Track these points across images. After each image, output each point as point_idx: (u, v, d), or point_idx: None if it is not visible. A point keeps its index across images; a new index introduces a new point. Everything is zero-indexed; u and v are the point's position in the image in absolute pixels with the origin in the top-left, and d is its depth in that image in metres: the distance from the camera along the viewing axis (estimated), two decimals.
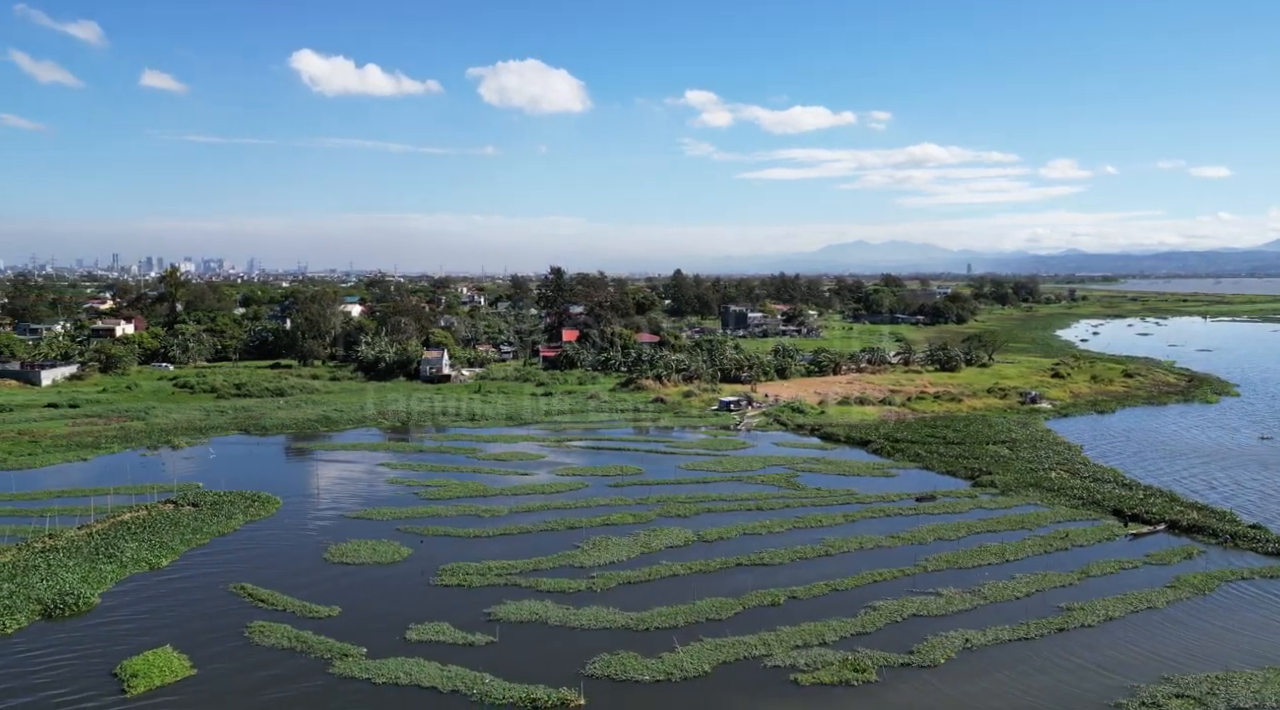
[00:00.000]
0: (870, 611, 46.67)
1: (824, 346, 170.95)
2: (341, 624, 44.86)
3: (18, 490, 71.12)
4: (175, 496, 67.87)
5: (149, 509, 64.54)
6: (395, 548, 56.67)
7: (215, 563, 54.35)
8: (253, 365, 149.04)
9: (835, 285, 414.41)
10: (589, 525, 61.92)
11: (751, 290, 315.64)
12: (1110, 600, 48.58)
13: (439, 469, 79.76)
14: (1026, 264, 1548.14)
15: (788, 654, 41.31)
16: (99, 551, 54.82)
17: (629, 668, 39.85)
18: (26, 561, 52.68)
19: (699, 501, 68.43)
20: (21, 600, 46.72)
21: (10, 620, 44.54)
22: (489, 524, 62.59)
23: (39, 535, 57.97)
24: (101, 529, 59.60)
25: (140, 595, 48.93)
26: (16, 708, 36.35)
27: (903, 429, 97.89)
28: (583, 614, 45.92)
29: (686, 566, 53.58)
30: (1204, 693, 37.95)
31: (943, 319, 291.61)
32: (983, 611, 47.25)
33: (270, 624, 44.30)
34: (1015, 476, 76.20)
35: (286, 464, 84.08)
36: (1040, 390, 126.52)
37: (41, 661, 40.42)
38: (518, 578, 51.21)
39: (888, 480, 77.03)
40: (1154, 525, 63.22)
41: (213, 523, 61.68)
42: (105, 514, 63.05)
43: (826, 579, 51.60)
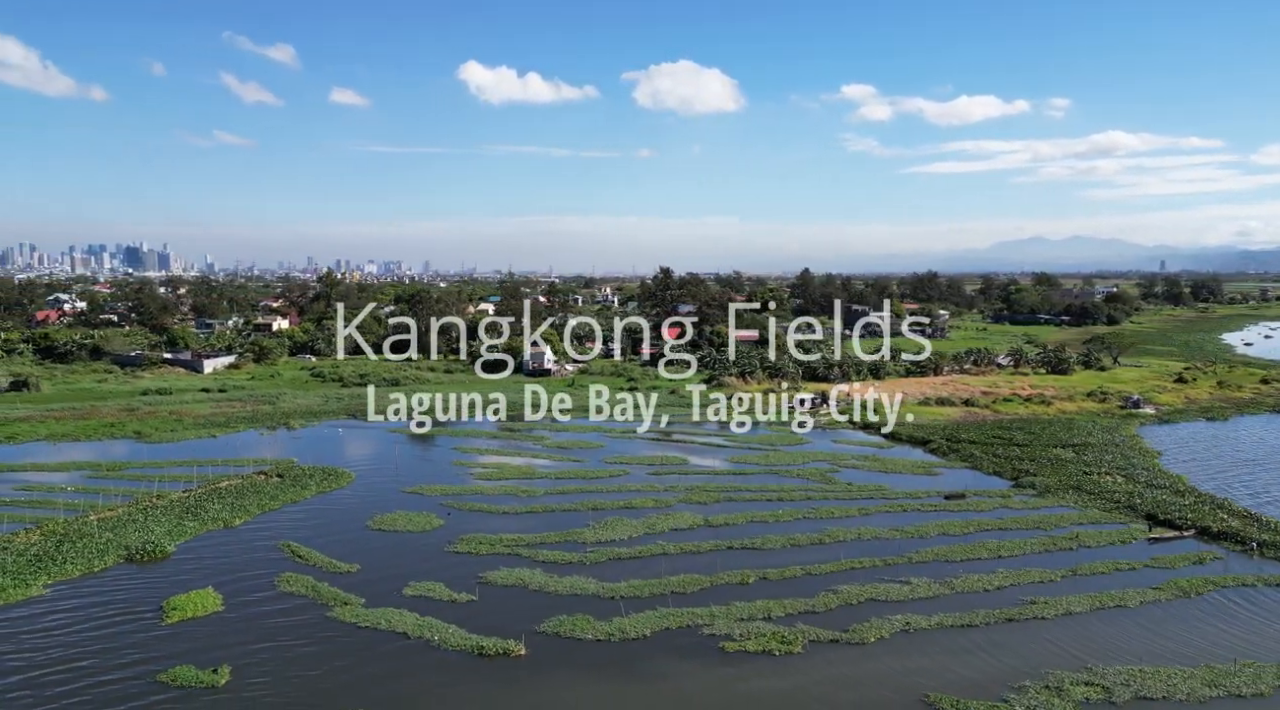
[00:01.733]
0: (829, 594, 49.35)
1: (943, 347, 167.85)
2: (355, 579, 51.86)
3: (149, 459, 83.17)
4: (269, 469, 77.80)
5: (244, 479, 74.54)
6: (429, 519, 63.64)
7: (277, 524, 62.98)
8: (382, 359, 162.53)
9: (981, 284, 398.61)
10: (610, 507, 66.85)
11: (885, 289, 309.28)
12: (1080, 597, 49.13)
13: (502, 454, 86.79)
14: (1233, 260, 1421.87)
15: (728, 625, 44.91)
16: (189, 511, 64.64)
17: (578, 628, 44.63)
18: (129, 516, 62.99)
19: (724, 490, 72.04)
20: (113, 546, 56.51)
21: (99, 561, 54.21)
22: (521, 502, 68.64)
23: (148, 496, 68.67)
24: (199, 493, 69.76)
25: (207, 547, 57.87)
26: (72, 621, 45.17)
27: (969, 430, 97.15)
28: (562, 582, 51.00)
29: (679, 547, 57.67)
30: (1116, 683, 38.95)
31: (1090, 320, 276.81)
32: (943, 601, 48.95)
33: (297, 575, 51.87)
34: (1060, 478, 75.29)
35: (373, 444, 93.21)
36: (1149, 395, 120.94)
37: (110, 593, 49.46)
38: (521, 549, 56.87)
39: (927, 478, 77.77)
40: (1181, 530, 61.84)
41: (289, 492, 70.81)
42: (207, 481, 73.45)
43: (808, 564, 54.41)
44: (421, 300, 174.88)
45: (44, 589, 50.01)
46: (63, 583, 51.11)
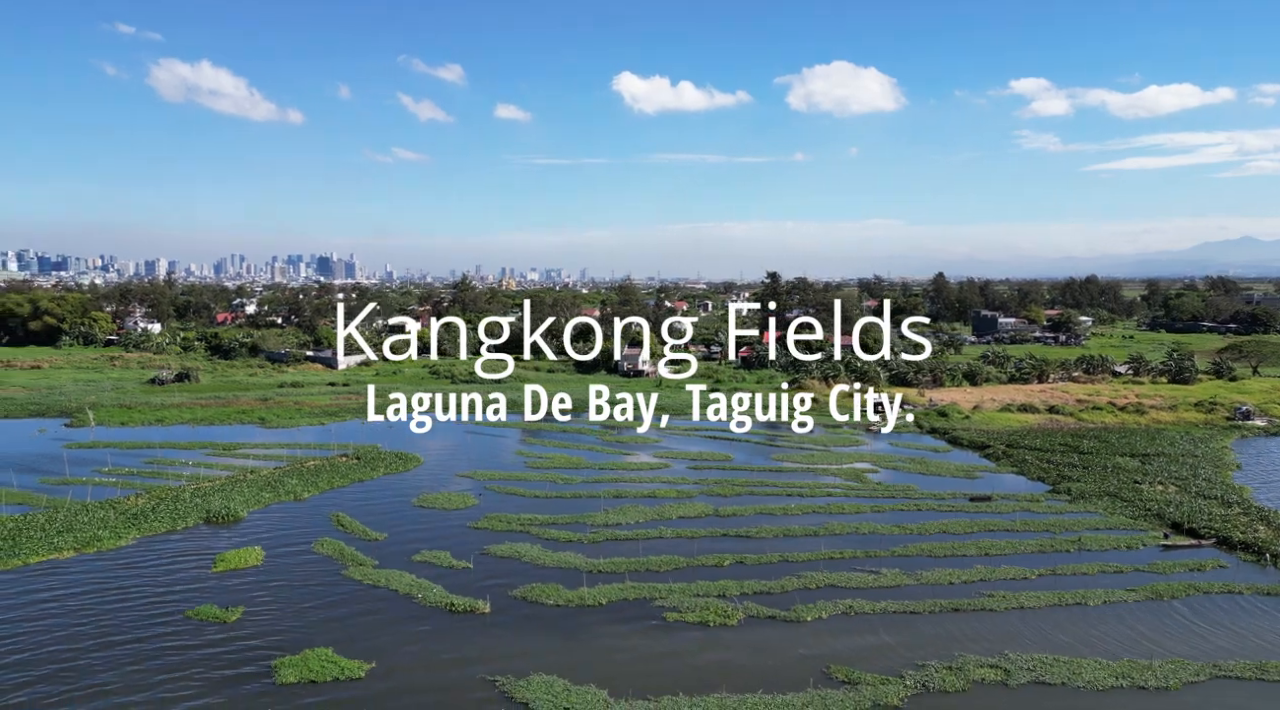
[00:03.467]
0: (792, 578, 52.31)
1: (1085, 354, 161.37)
2: (379, 546, 59.11)
3: (259, 441, 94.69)
4: (350, 452, 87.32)
5: (327, 460, 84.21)
6: (466, 498, 70.53)
7: (338, 498, 71.55)
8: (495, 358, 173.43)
9: (1145, 290, 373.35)
10: (633, 496, 71.59)
11: (1027, 295, 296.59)
12: (1041, 593, 50.01)
13: (563, 446, 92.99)
14: None
15: (680, 600, 48.88)
16: (269, 484, 74.35)
17: (544, 594, 49.81)
18: (219, 487, 73.28)
19: (749, 484, 75.32)
20: (197, 510, 66.43)
21: (182, 521, 64.05)
22: (555, 488, 74.48)
23: (243, 472, 79.21)
24: (284, 471, 79.71)
25: (273, 515, 66.92)
26: (141, 566, 54.41)
27: (1036, 436, 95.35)
28: (553, 556, 56.34)
29: (678, 532, 61.82)
30: (1020, 668, 40.51)
31: (1260, 327, 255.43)
32: (902, 590, 50.97)
33: (332, 540, 59.68)
34: (1100, 485, 74.02)
35: (454, 434, 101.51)
36: (1266, 408, 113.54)
37: (179, 547, 58.80)
38: (533, 527, 62.63)
39: (963, 481, 78.00)
40: (1201, 539, 60.34)
41: (360, 472, 79.66)
42: (296, 461, 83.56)
43: (789, 552, 57.38)
44: (535, 305, 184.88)
45: (131, 540, 60.01)
46: (149, 537, 61.02)
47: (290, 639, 43.90)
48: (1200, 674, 40.32)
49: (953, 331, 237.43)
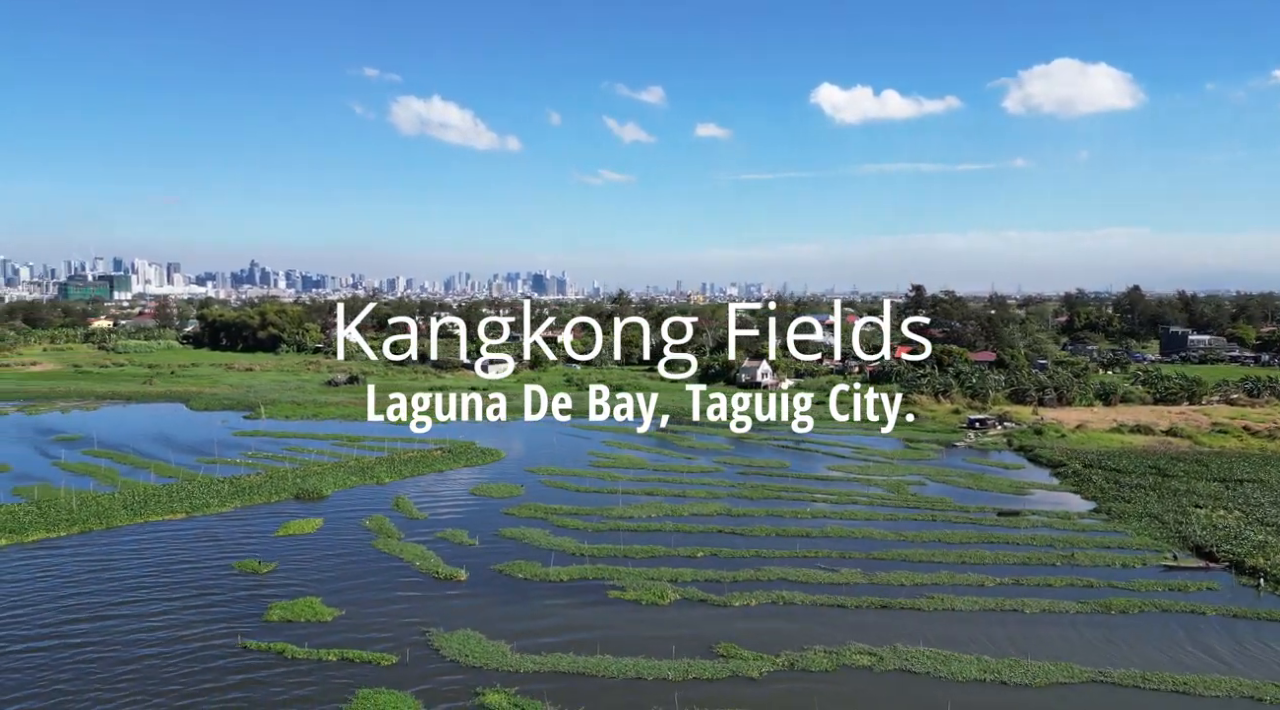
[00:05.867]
0: (750, 571, 56.11)
1: (1252, 375, 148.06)
2: (416, 523, 68.16)
3: (381, 435, 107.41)
4: (445, 447, 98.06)
5: (420, 453, 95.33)
6: (514, 488, 78.62)
7: (411, 484, 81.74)
8: (641, 369, 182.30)
9: None
10: (664, 494, 76.87)
11: (1244, 310, 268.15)
12: (977, 599, 51.24)
13: (636, 448, 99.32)
14: None
15: (631, 581, 54.10)
16: (361, 471, 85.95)
17: (520, 570, 56.52)
18: (320, 471, 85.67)
19: (783, 490, 78.49)
20: (292, 487, 78.55)
21: (276, 495, 76.25)
22: (599, 484, 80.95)
23: (348, 459, 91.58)
24: (384, 459, 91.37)
25: (352, 494, 77.92)
26: (226, 527, 66.29)
27: (1124, 458, 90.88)
28: (551, 540, 62.99)
29: (677, 527, 66.66)
30: (894, 658, 42.90)
31: None
32: (846, 587, 53.57)
33: (380, 517, 69.33)
34: (1146, 507, 71.10)
35: (547, 434, 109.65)
36: None
37: (262, 516, 70.51)
38: (553, 516, 69.48)
39: (1008, 497, 77.06)
40: (1212, 562, 57.93)
41: (441, 463, 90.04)
42: (398, 452, 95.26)
43: (766, 549, 60.87)
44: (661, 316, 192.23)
45: (232, 508, 72.60)
46: (246, 506, 73.43)
47: (294, 590, 53.26)
48: (1077, 677, 41.06)
49: (1141, 349, 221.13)
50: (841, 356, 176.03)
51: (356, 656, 43.49)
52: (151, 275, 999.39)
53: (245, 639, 45.47)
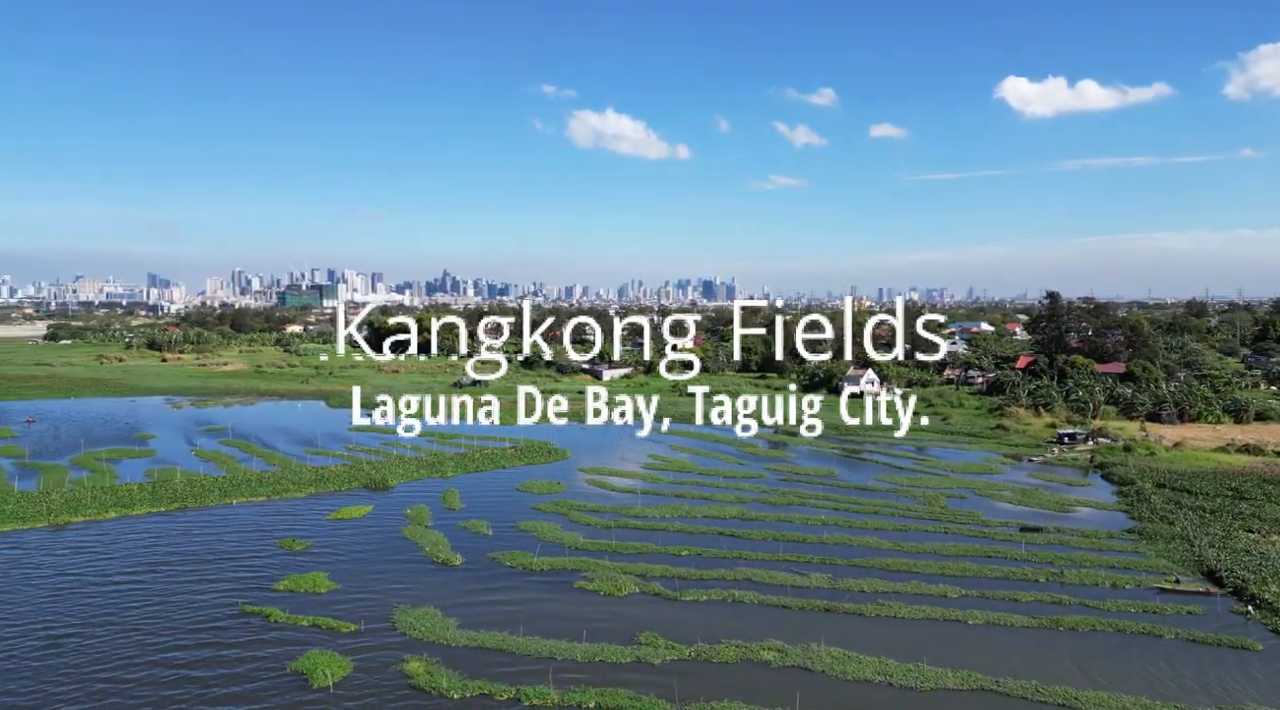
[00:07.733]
0: (724, 570, 58.52)
1: None
2: (449, 514, 74.50)
3: (470, 433, 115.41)
4: (516, 446, 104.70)
5: (494, 450, 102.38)
6: (555, 486, 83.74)
7: (471, 479, 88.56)
8: (746, 376, 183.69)
9: None
10: (692, 497, 79.81)
11: None
12: (925, 608, 51.81)
13: (697, 453, 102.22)
14: None
15: (601, 574, 57.76)
16: (430, 464, 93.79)
17: (513, 559, 61.46)
18: (392, 463, 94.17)
19: (814, 498, 79.49)
20: (364, 477, 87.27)
21: (348, 484, 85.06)
22: (638, 484, 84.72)
23: (442, 455, 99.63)
24: (458, 455, 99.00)
25: (414, 486, 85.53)
26: (293, 509, 75.12)
27: (1207, 479, 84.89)
28: (558, 533, 67.60)
29: (682, 527, 69.61)
30: (798, 656, 44.69)
31: None
32: (807, 590, 55.14)
33: (422, 506, 76.17)
34: (1185, 529, 67.15)
35: (616, 437, 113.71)
36: None
37: (328, 502, 78.93)
38: (573, 512, 74.04)
39: (1049, 514, 74.63)
40: (1214, 588, 55.01)
41: (506, 460, 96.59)
42: (472, 448, 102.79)
43: (752, 551, 62.86)
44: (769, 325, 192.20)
45: (305, 494, 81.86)
46: (319, 493, 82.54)
47: (312, 565, 60.54)
48: (967, 684, 41.40)
49: None
50: (964, 366, 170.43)
51: (324, 623, 49.76)
52: (359, 284, 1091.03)
53: (245, 603, 52.85)
